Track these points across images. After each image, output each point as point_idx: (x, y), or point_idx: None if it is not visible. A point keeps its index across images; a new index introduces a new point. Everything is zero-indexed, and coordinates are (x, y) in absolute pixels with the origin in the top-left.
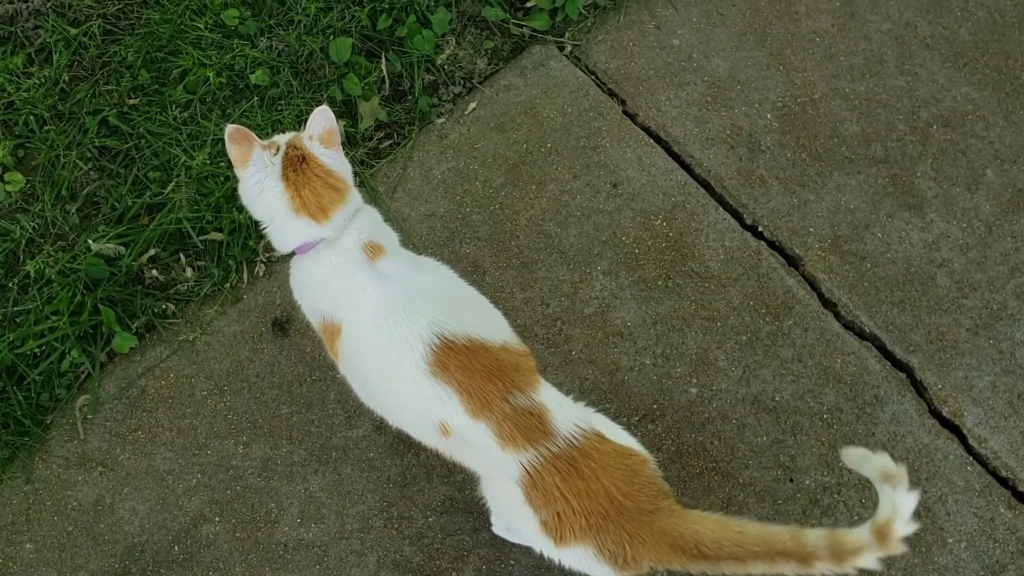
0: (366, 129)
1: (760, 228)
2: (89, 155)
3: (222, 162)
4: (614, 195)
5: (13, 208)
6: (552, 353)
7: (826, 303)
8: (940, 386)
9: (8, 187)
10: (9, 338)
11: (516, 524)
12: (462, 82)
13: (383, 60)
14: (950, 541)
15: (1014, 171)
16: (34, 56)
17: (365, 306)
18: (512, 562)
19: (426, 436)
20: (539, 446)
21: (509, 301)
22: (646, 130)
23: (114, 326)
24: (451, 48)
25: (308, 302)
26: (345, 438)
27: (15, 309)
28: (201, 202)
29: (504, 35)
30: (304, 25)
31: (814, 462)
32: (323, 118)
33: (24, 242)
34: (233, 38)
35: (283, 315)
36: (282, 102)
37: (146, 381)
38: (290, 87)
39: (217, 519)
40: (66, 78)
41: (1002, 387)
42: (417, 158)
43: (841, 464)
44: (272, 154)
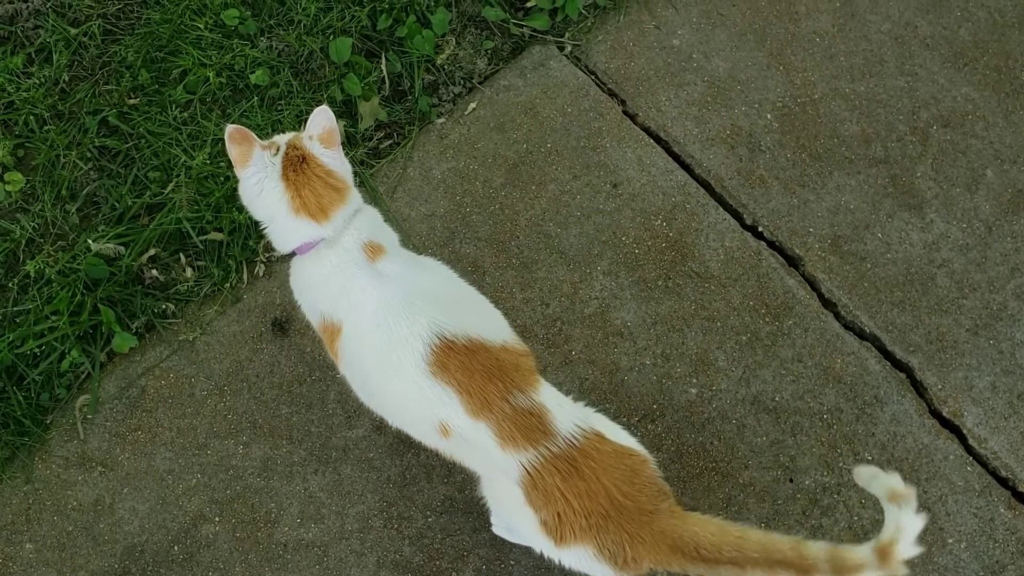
0: (366, 129)
1: (760, 228)
2: (89, 155)
3: (222, 162)
4: (614, 195)
5: (13, 208)
6: (552, 353)
7: (826, 303)
8: (940, 386)
9: (8, 187)
10: (9, 338)
11: (516, 524)
12: (462, 82)
13: (383, 60)
14: (950, 541)
15: (1014, 171)
16: (34, 56)
17: (365, 306)
18: (512, 562)
19: (426, 436)
20: (539, 446)
21: (509, 301)
22: (646, 130)
23: (114, 326)
24: (451, 48)
25: (308, 302)
26: (345, 438)
27: (15, 309)
28: (201, 202)
29: (504, 35)
30: (304, 25)
31: (814, 462)
32: (323, 118)
33: (24, 242)
34: (233, 38)
35: (283, 315)
36: (282, 102)
37: (146, 381)
38: (290, 87)
39: (217, 519)
40: (66, 78)
41: (1002, 387)
42: (417, 158)
43: (841, 464)
44: (272, 154)
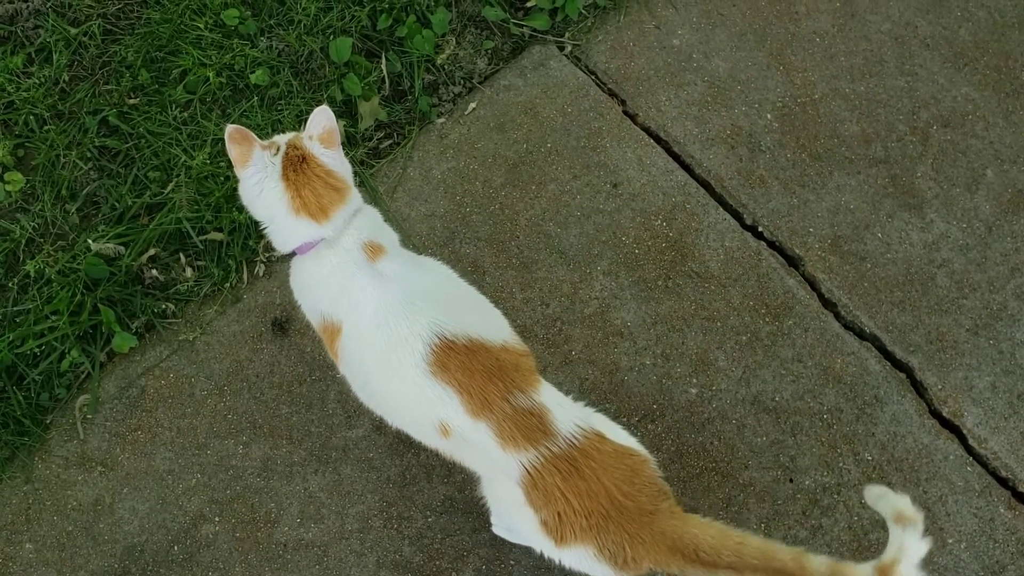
0: (366, 129)
1: (760, 228)
2: (89, 155)
3: (222, 162)
4: (614, 195)
5: (13, 208)
6: (552, 353)
7: (826, 303)
8: (940, 386)
9: (8, 187)
10: (9, 338)
11: (516, 524)
12: (462, 82)
13: (383, 60)
14: (950, 542)
15: (1014, 171)
16: (34, 56)
17: (365, 306)
18: (512, 562)
19: (426, 436)
20: (540, 446)
21: (509, 301)
22: (646, 130)
23: (114, 326)
24: (451, 48)
25: (308, 302)
26: (345, 438)
27: (15, 309)
28: (201, 202)
29: (504, 35)
30: (304, 25)
31: (814, 462)
32: (323, 118)
33: (24, 242)
34: (233, 38)
35: (283, 315)
36: (282, 102)
37: (146, 381)
38: (290, 87)
39: (217, 519)
40: (66, 78)
41: (1002, 387)
42: (417, 158)
43: (841, 464)
44: (272, 154)
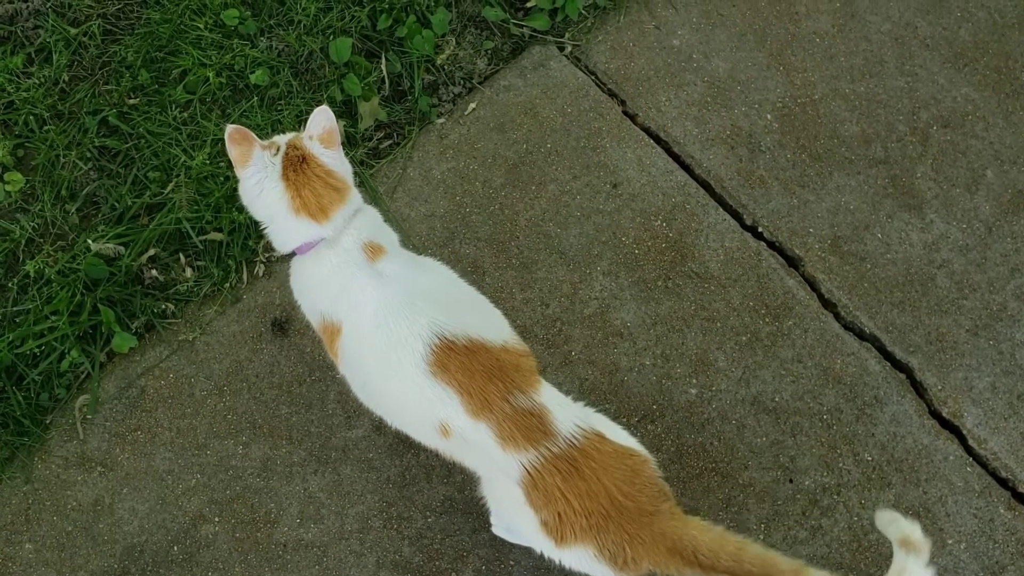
0: (366, 129)
1: (760, 229)
2: (89, 155)
3: (222, 162)
4: (614, 195)
5: (13, 208)
6: (552, 353)
7: (826, 304)
8: (940, 387)
9: (8, 187)
10: (9, 338)
11: (516, 524)
12: (462, 82)
13: (383, 60)
14: (950, 542)
15: (1014, 172)
16: (34, 56)
17: (365, 306)
18: (511, 563)
19: (426, 437)
20: (540, 446)
21: (509, 301)
22: (646, 130)
23: (114, 326)
24: (451, 48)
25: (308, 302)
26: (345, 438)
27: (15, 309)
28: (201, 202)
29: (504, 35)
30: (304, 25)
31: (814, 463)
32: (323, 118)
33: (24, 242)
34: (233, 38)
35: (283, 315)
36: (282, 102)
37: (146, 381)
38: (290, 87)
39: (216, 519)
40: (66, 78)
41: (1002, 388)
42: (417, 158)
43: (841, 465)
44: (272, 154)
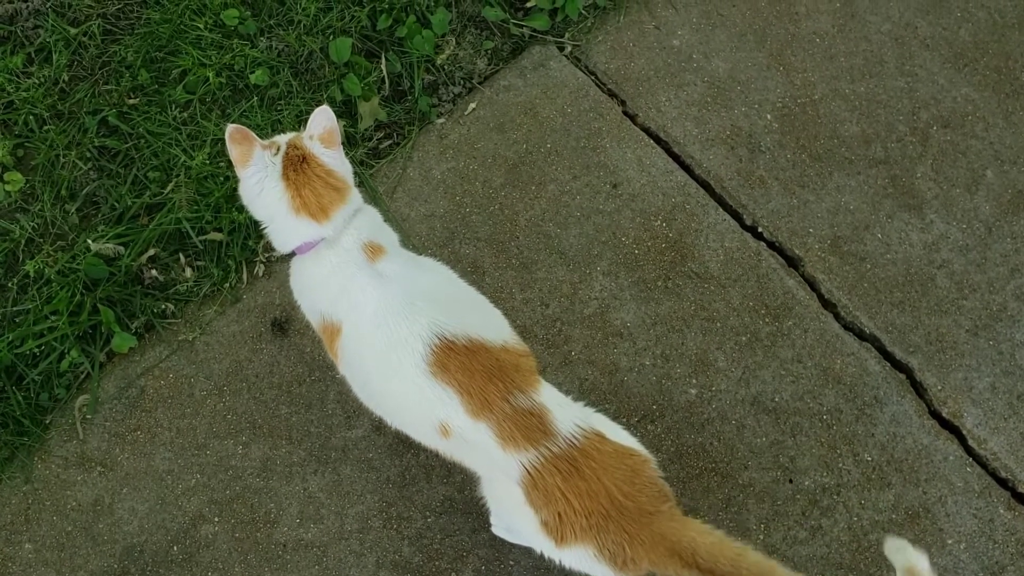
0: (366, 129)
1: (760, 229)
2: (89, 155)
3: (222, 162)
4: (614, 196)
5: (13, 208)
6: (552, 354)
7: (826, 304)
8: (940, 387)
9: (8, 187)
10: (8, 338)
11: (516, 524)
12: (462, 82)
13: (383, 60)
14: (949, 542)
15: (1014, 172)
16: (34, 56)
17: (365, 306)
18: (511, 563)
19: (426, 437)
20: (540, 446)
21: (509, 301)
22: (646, 131)
23: (113, 326)
24: (451, 48)
25: (308, 302)
26: (344, 438)
27: (14, 309)
28: (201, 202)
29: (504, 35)
30: (304, 25)
31: (813, 463)
32: (323, 118)
33: (24, 242)
34: (233, 38)
35: (282, 315)
36: (282, 102)
37: (145, 381)
38: (290, 87)
39: (216, 519)
40: (66, 78)
41: (1002, 388)
42: (417, 158)
43: (841, 465)
44: (272, 154)
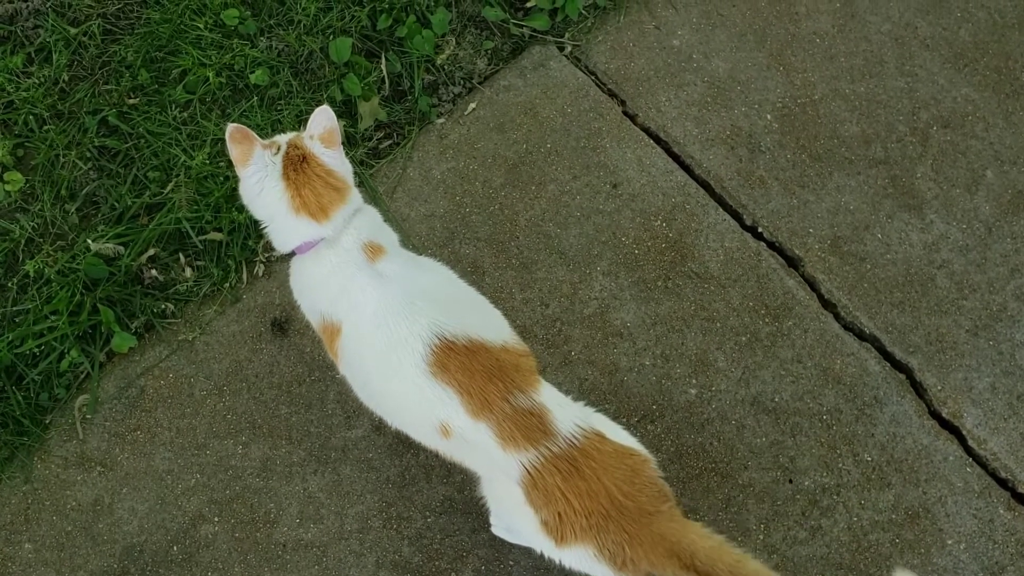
0: (366, 129)
1: (760, 229)
2: (89, 155)
3: (222, 162)
4: (614, 196)
5: (13, 208)
6: (551, 354)
7: (826, 304)
8: (940, 387)
9: (8, 187)
10: (8, 338)
11: (516, 524)
12: (462, 82)
13: (383, 60)
14: (949, 543)
15: (1014, 172)
16: (34, 56)
17: (365, 306)
18: (511, 563)
19: (426, 437)
20: (540, 446)
21: (509, 301)
22: (646, 131)
23: (113, 326)
24: (451, 48)
25: (308, 302)
26: (344, 438)
27: (14, 309)
28: (200, 202)
29: (504, 35)
30: (304, 25)
31: (813, 463)
32: (324, 118)
33: (23, 242)
34: (233, 38)
35: (282, 315)
36: (282, 102)
37: (145, 381)
38: (290, 87)
39: (216, 519)
40: (66, 78)
41: (1002, 388)
42: (417, 158)
43: (840, 465)
44: (273, 153)
